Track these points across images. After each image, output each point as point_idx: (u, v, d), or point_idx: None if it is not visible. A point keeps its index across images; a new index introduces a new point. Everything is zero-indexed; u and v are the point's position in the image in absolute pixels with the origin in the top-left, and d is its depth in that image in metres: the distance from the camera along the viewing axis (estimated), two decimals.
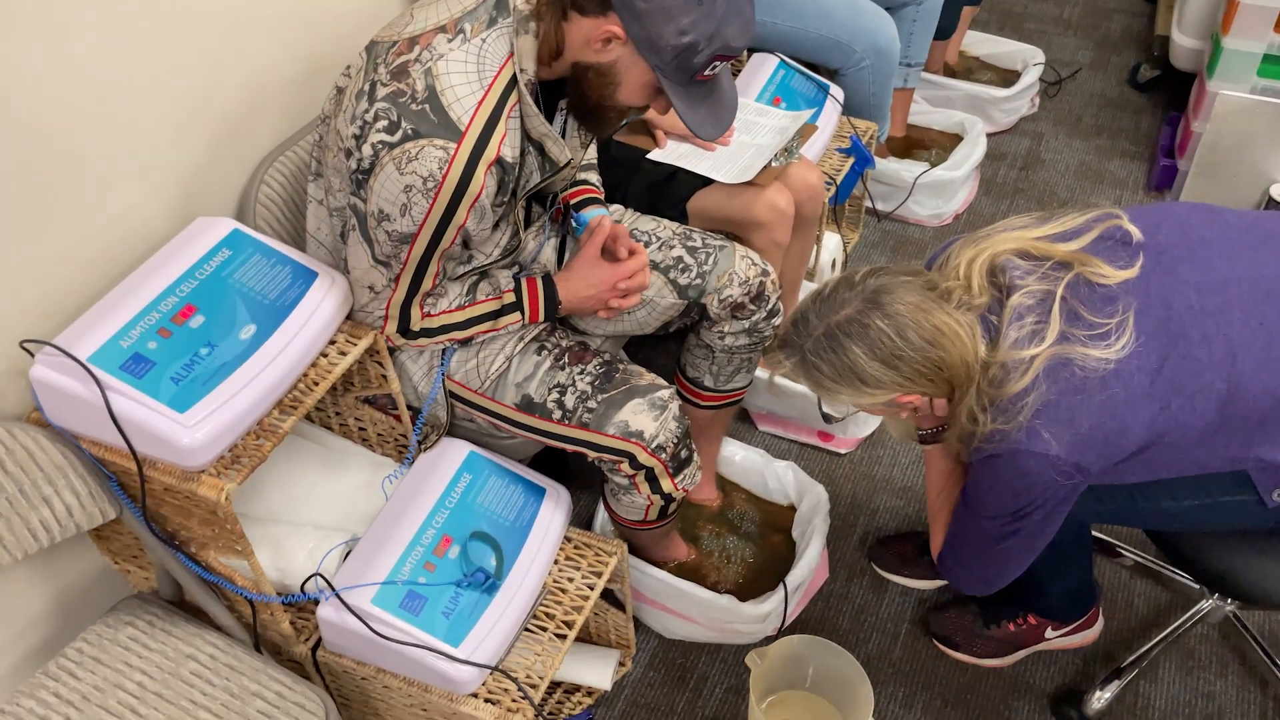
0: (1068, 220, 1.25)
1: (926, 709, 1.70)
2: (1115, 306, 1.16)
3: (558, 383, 1.47)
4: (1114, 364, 1.14)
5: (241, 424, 1.24)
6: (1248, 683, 1.72)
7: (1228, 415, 1.18)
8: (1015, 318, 1.17)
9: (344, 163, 1.31)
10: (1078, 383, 1.15)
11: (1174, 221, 1.24)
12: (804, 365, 1.24)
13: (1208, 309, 1.17)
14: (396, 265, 1.34)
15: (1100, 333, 1.15)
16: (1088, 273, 1.18)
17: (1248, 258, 1.21)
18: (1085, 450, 1.16)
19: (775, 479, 1.90)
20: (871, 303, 1.19)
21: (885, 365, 1.18)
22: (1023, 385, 1.16)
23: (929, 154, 2.72)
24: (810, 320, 1.23)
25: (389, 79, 1.25)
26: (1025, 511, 1.23)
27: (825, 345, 1.21)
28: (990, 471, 1.22)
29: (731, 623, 1.70)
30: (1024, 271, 1.20)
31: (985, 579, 1.37)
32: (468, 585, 1.39)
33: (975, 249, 1.23)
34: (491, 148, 1.26)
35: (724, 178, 1.81)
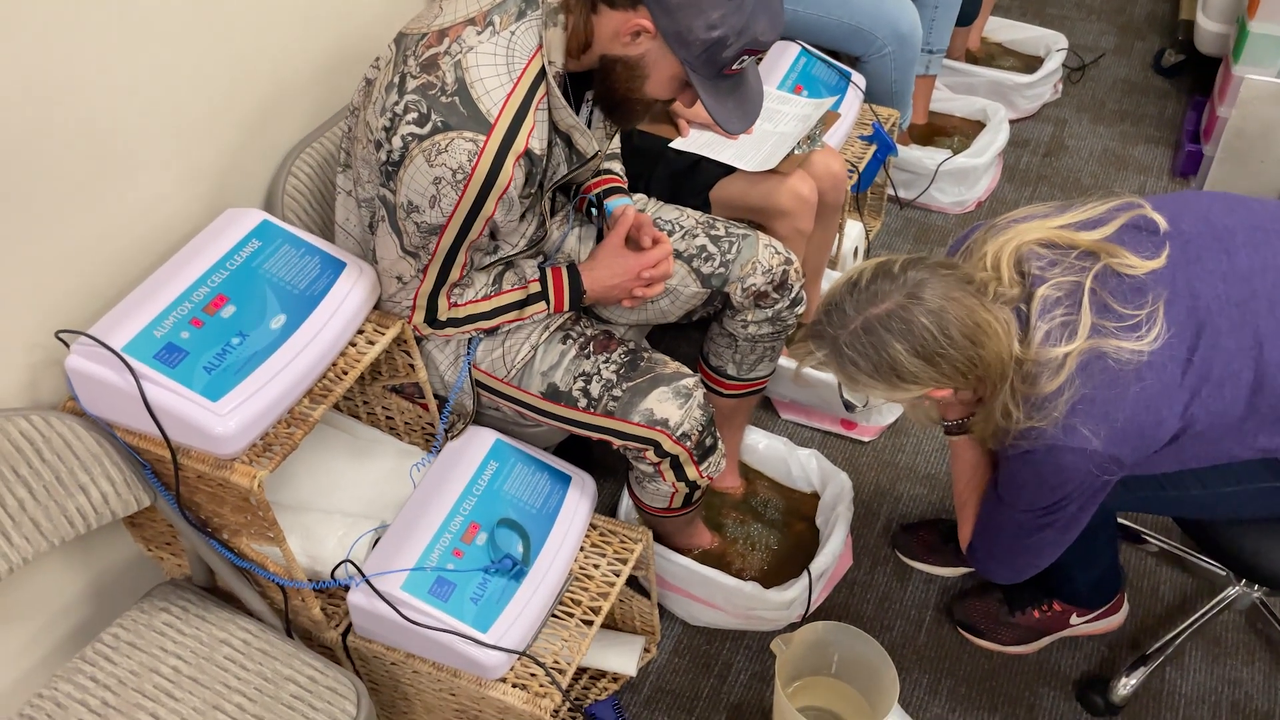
0: (1089, 209, 1.24)
1: (951, 695, 1.71)
2: (1145, 298, 1.16)
3: (583, 371, 1.48)
4: (1147, 356, 1.14)
5: (273, 412, 1.26)
6: (1276, 670, 1.72)
7: (1256, 404, 1.18)
8: (1044, 310, 1.16)
9: (373, 154, 1.33)
10: (1112, 376, 1.15)
11: (1196, 210, 1.23)
12: (837, 357, 1.21)
13: (1234, 298, 1.17)
14: (425, 256, 1.35)
15: (1131, 324, 1.15)
16: (1114, 263, 1.17)
17: (1272, 246, 1.20)
18: (1121, 443, 1.16)
19: (799, 466, 1.90)
20: (914, 296, 1.15)
21: (926, 362, 1.15)
22: (1058, 384, 1.15)
23: (951, 141, 2.71)
24: (846, 311, 1.19)
25: (419, 71, 1.26)
26: (1060, 505, 1.23)
27: (863, 339, 1.17)
28: (1026, 467, 1.22)
29: (756, 609, 1.71)
30: (1049, 262, 1.19)
31: (1015, 568, 1.37)
32: (495, 571, 1.40)
33: (1001, 239, 1.22)
34: (520, 140, 1.27)
35: (747, 166, 1.82)
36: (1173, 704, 1.68)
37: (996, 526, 1.34)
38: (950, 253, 1.34)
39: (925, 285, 1.16)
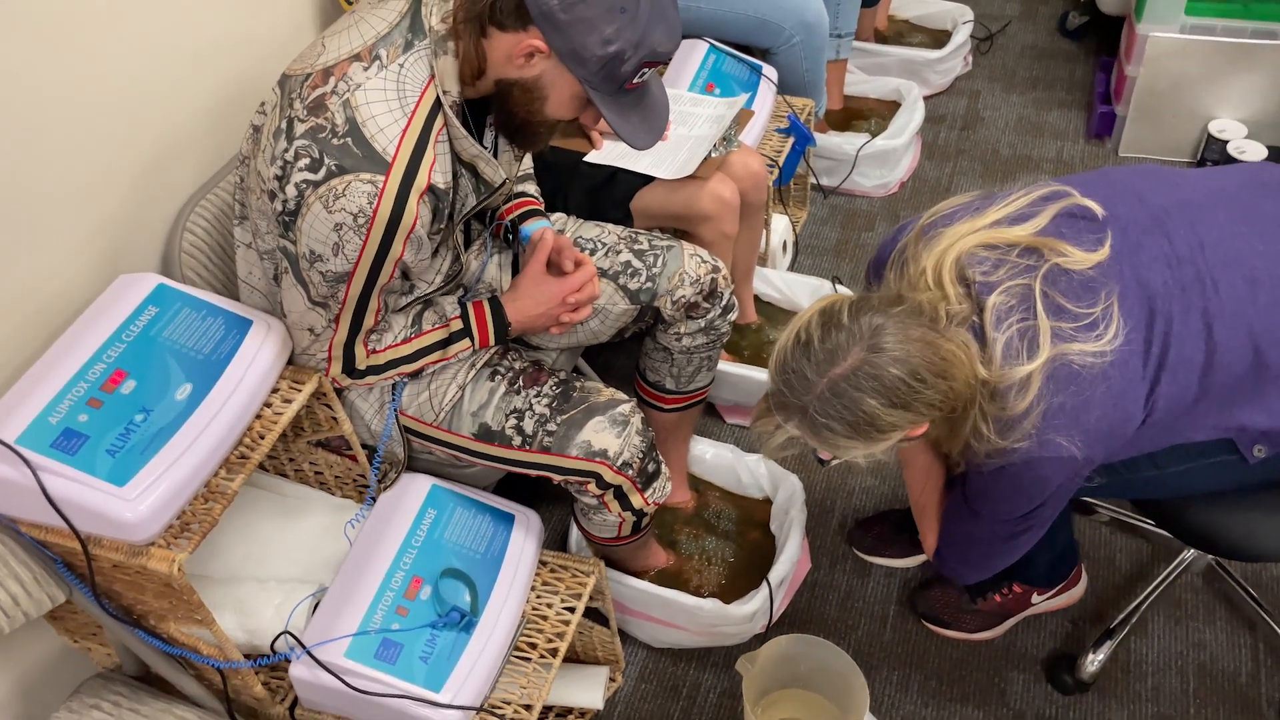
0: (1014, 201, 1.20)
1: (922, 690, 1.69)
2: (1097, 295, 1.12)
3: (514, 408, 1.43)
4: (1110, 356, 1.11)
5: (186, 490, 1.19)
6: (1237, 627, 1.72)
7: (1206, 385, 1.16)
8: (998, 320, 1.12)
9: (268, 205, 1.26)
10: (1078, 381, 1.12)
11: (1125, 191, 1.21)
12: (811, 425, 1.13)
13: (1181, 282, 1.15)
14: (335, 305, 1.28)
15: (1087, 323, 1.11)
16: (1061, 261, 1.13)
17: (1205, 221, 1.19)
18: (1095, 444, 1.14)
19: (748, 473, 1.87)
20: (875, 348, 1.09)
21: (904, 409, 1.09)
22: (1028, 402, 1.11)
23: (869, 124, 2.70)
24: (807, 376, 1.11)
25: (306, 114, 1.20)
26: (1037, 510, 1.21)
27: (835, 402, 1.10)
28: (1002, 480, 1.19)
29: (718, 626, 1.68)
30: (992, 264, 1.15)
31: (988, 569, 1.35)
32: (443, 626, 1.35)
33: (936, 250, 1.16)
34: (422, 176, 1.21)
35: (665, 174, 1.77)
36: (1140, 673, 1.68)
37: (968, 536, 1.32)
38: (879, 262, 1.30)
39: (883, 331, 1.09)
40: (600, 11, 1.15)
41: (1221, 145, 2.48)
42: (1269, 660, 1.68)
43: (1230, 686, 1.65)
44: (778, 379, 1.16)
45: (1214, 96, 2.51)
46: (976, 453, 1.17)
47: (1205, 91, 2.50)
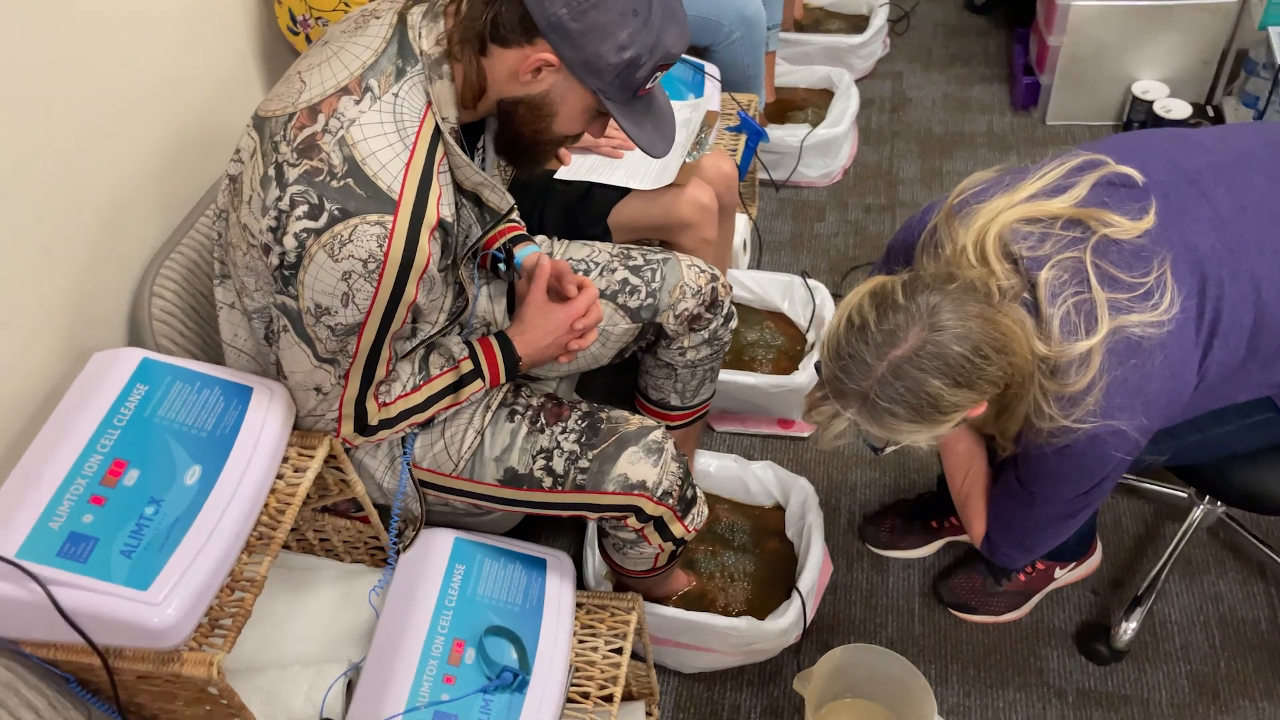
0: (1048, 173, 1.18)
1: (961, 679, 1.67)
2: (1149, 263, 1.11)
3: (541, 448, 1.35)
4: (1168, 325, 1.09)
5: (214, 584, 1.07)
6: (1248, 575, 1.76)
7: (1255, 346, 1.16)
8: (1052, 295, 1.09)
9: (259, 260, 1.15)
10: (1138, 353, 1.10)
11: (1156, 157, 1.20)
12: (872, 411, 1.09)
13: (1228, 245, 1.14)
14: (345, 360, 1.18)
15: (1142, 292, 1.10)
16: (1107, 231, 1.11)
17: (1241, 183, 1.18)
18: (1154, 413, 1.13)
19: (756, 481, 1.82)
20: (935, 326, 1.05)
21: (968, 388, 1.06)
22: (1089, 377, 1.09)
23: (805, 114, 2.69)
24: (866, 360, 1.07)
25: (297, 157, 1.09)
26: (1099, 486, 1.19)
27: (896, 385, 1.06)
28: (1066, 460, 1.16)
29: (753, 644, 1.62)
30: (1037, 239, 1.12)
31: (1042, 550, 1.32)
32: (495, 688, 1.26)
33: (975, 226, 1.13)
34: (431, 211, 1.12)
35: (643, 185, 1.71)
36: (1168, 634, 1.70)
37: (1024, 520, 1.29)
38: (905, 245, 1.27)
39: (941, 309, 1.06)
40: (614, 16, 1.08)
41: (1147, 106, 2.55)
42: None
43: (1254, 635, 1.68)
44: (833, 365, 1.11)
45: (1135, 59, 2.57)
46: (1039, 433, 1.14)
47: (1127, 55, 2.57)
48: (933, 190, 2.60)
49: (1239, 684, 1.62)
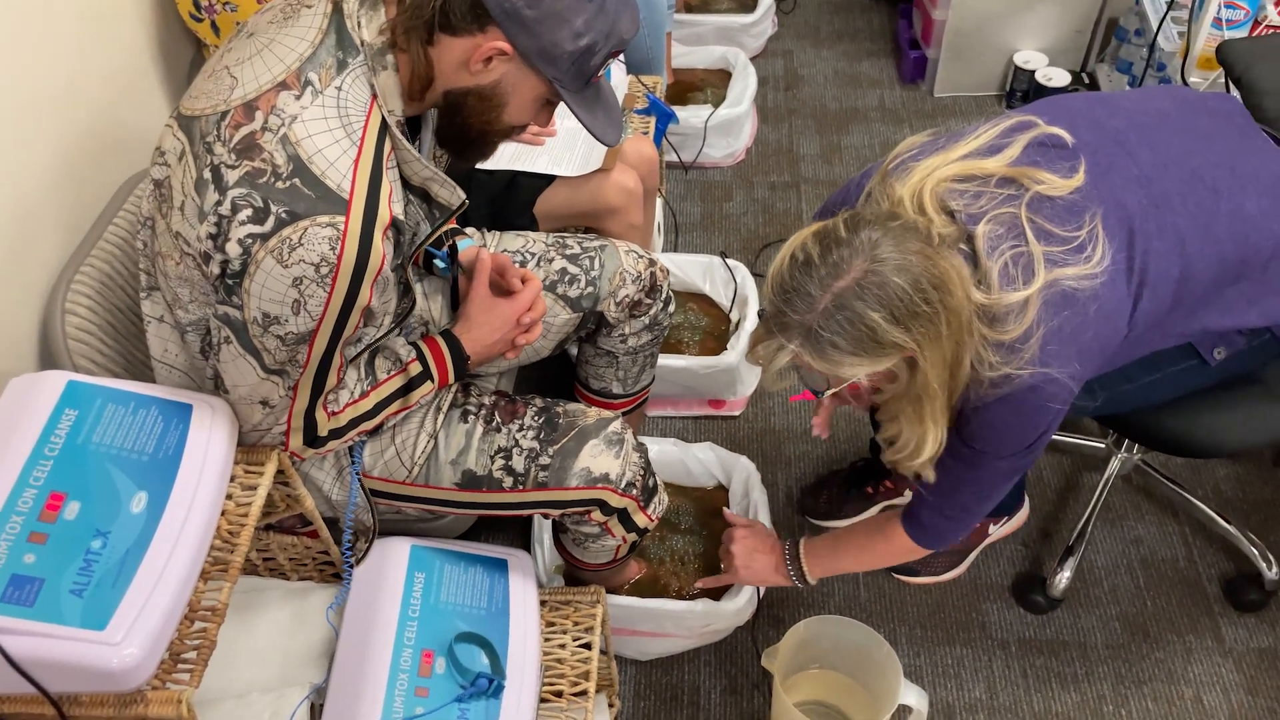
0: (982, 134, 1.22)
1: (910, 640, 1.72)
2: (1081, 217, 1.15)
3: (498, 447, 1.31)
4: (1101, 277, 1.14)
5: (174, 616, 1.00)
6: (1164, 518, 1.86)
7: (1180, 296, 1.22)
8: (990, 248, 1.13)
9: (196, 270, 1.08)
10: (1074, 303, 1.14)
11: (1083, 118, 1.25)
12: (815, 343, 1.09)
13: (1154, 200, 1.19)
14: (295, 371, 1.12)
15: (1075, 245, 1.14)
16: (1040, 189, 1.16)
17: (1161, 142, 1.24)
18: (1088, 361, 1.17)
19: (697, 464, 1.82)
20: (876, 259, 1.07)
21: (904, 325, 1.08)
22: (1026, 325, 1.12)
23: (704, 94, 2.69)
24: (810, 293, 1.08)
25: (236, 159, 1.03)
26: (1041, 436, 1.22)
27: (837, 316, 1.07)
28: (1007, 409, 1.19)
29: (710, 624, 1.63)
30: (972, 195, 1.15)
31: (976, 519, 1.35)
32: (471, 696, 1.22)
33: (911, 181, 1.16)
34: (383, 209, 1.07)
35: (570, 171, 1.68)
36: (1095, 578, 1.78)
37: (963, 484, 1.31)
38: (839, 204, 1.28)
39: (882, 244, 1.08)
40: (570, 3, 1.05)
41: (1029, 75, 2.65)
42: (1197, 541, 1.82)
43: (1174, 573, 1.78)
44: (778, 300, 1.13)
45: (1016, 30, 2.67)
46: (980, 384, 1.17)
47: (1008, 26, 2.66)
48: (834, 166, 2.64)
49: (1166, 620, 1.72)
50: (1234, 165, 1.24)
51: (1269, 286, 1.26)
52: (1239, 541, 1.73)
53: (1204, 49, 2.14)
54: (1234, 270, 1.24)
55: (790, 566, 1.53)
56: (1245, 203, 1.22)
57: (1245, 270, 1.23)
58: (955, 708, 1.63)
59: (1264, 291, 1.26)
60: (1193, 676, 1.65)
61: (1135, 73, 2.53)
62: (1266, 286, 1.26)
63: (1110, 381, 1.36)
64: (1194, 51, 2.17)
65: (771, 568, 1.55)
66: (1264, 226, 1.22)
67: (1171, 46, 2.31)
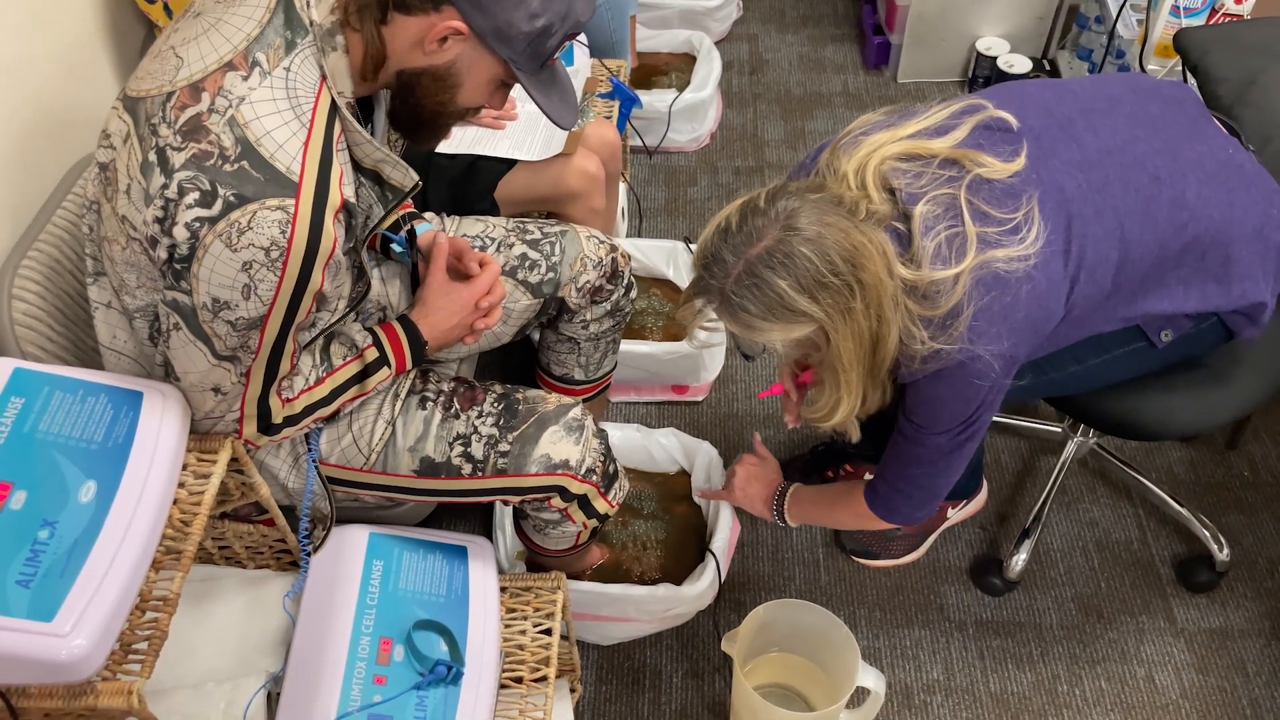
0: (932, 114, 1.23)
1: (869, 623, 1.73)
2: (1019, 200, 1.17)
3: (457, 434, 1.30)
4: (1033, 259, 1.15)
5: (124, 606, 0.99)
6: (1118, 500, 1.89)
7: (1119, 281, 1.24)
8: (926, 228, 1.14)
9: (144, 254, 1.06)
10: (1004, 282, 1.16)
11: (1034, 103, 1.26)
12: (728, 307, 1.14)
13: (1093, 184, 1.21)
14: (247, 357, 1.11)
15: (1010, 227, 1.16)
16: (981, 171, 1.17)
17: (1107, 128, 1.25)
18: (1020, 341, 1.19)
19: (659, 449, 1.82)
20: (790, 228, 1.10)
21: (811, 295, 1.10)
22: (955, 300, 1.14)
23: (668, 78, 2.68)
24: (725, 259, 1.12)
25: (182, 140, 1.01)
26: (977, 414, 1.24)
27: (746, 281, 1.11)
28: (940, 384, 1.21)
29: (673, 609, 1.63)
30: (914, 175, 1.17)
31: (932, 498, 1.37)
32: (429, 684, 1.22)
33: (857, 155, 1.18)
34: (334, 192, 1.06)
35: (531, 155, 1.67)
36: (1051, 561, 1.80)
37: (913, 461, 1.33)
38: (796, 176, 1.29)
39: (799, 214, 1.11)
40: None
41: (991, 61, 2.66)
42: (1150, 523, 1.85)
43: (1127, 554, 1.81)
44: (698, 265, 1.18)
45: (978, 17, 2.68)
46: (912, 359, 1.19)
47: (970, 13, 2.67)
48: (798, 151, 2.64)
49: (1119, 601, 1.75)
50: (1177, 152, 1.26)
51: (1208, 273, 1.28)
52: (1191, 524, 1.76)
53: (1162, 36, 2.16)
54: (1174, 256, 1.26)
55: (776, 504, 1.57)
56: (1186, 190, 1.24)
57: (1184, 256, 1.25)
58: (913, 689, 1.65)
59: (1203, 277, 1.28)
60: (1145, 656, 1.68)
61: (1095, 60, 2.55)
62: (1205, 273, 1.28)
63: (1059, 362, 1.38)
64: (1152, 39, 2.19)
65: (762, 500, 1.60)
66: (1203, 214, 1.24)
67: (1130, 34, 2.33)
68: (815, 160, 1.27)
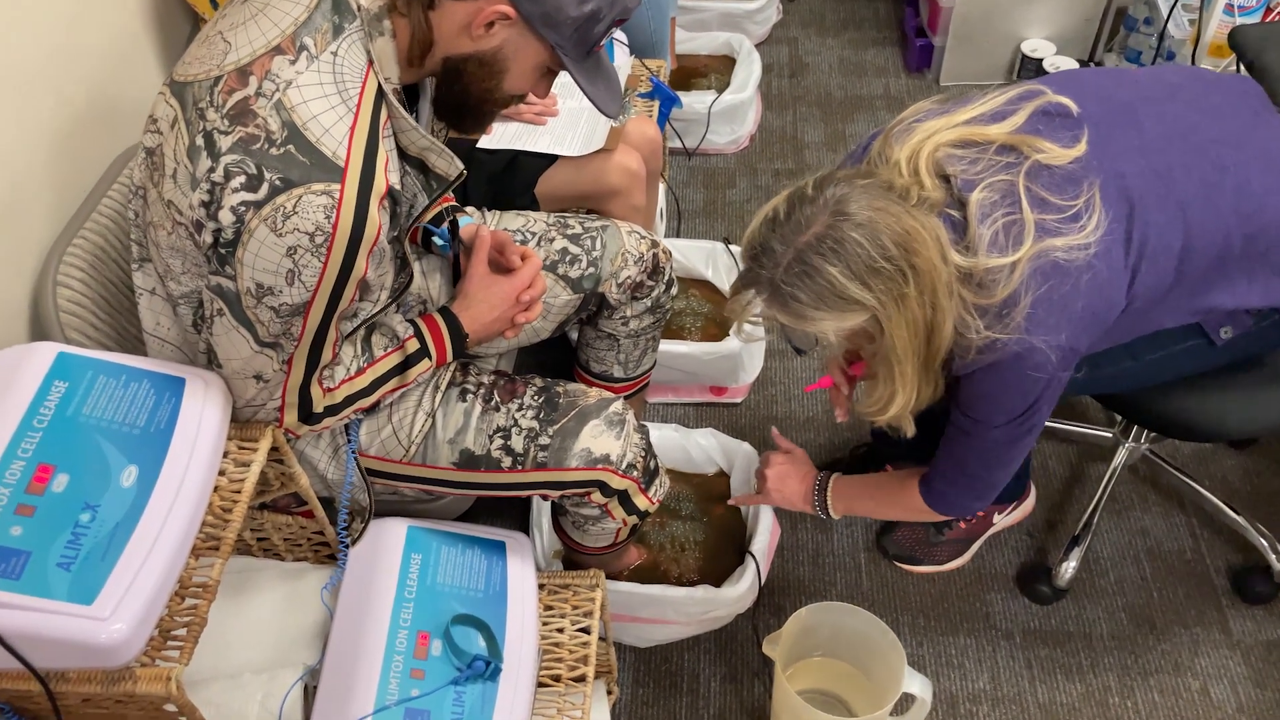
0: (989, 100, 1.20)
1: (913, 629, 1.69)
2: (1079, 186, 1.14)
3: (497, 427, 1.29)
4: (1093, 247, 1.12)
5: (164, 592, 0.98)
6: (1170, 508, 1.84)
7: (1183, 271, 1.20)
8: (983, 216, 1.12)
9: (188, 240, 1.05)
10: (1063, 271, 1.13)
11: (1092, 90, 1.23)
12: (778, 298, 1.12)
13: (1155, 171, 1.17)
14: (289, 344, 1.10)
15: (1071, 214, 1.13)
16: (1040, 157, 1.14)
17: (1169, 114, 1.22)
18: (1080, 333, 1.15)
19: (698, 450, 1.80)
20: (840, 213, 1.08)
21: (862, 282, 1.07)
22: (1012, 289, 1.11)
23: (708, 80, 2.67)
24: (774, 249, 1.10)
25: (229, 124, 1.00)
26: (1034, 408, 1.20)
27: (798, 270, 1.09)
28: (995, 377, 1.18)
29: (711, 611, 1.61)
30: (969, 161, 1.14)
31: (989, 490, 1.33)
32: (467, 679, 1.20)
33: (911, 142, 1.15)
34: (379, 178, 1.05)
35: (572, 151, 1.66)
36: (1100, 569, 1.76)
37: (971, 455, 1.30)
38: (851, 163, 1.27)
39: (849, 200, 1.09)
40: None
41: (1036, 63, 2.62)
42: (1204, 532, 1.80)
43: (1180, 565, 1.76)
44: (748, 256, 1.16)
45: (1023, 18, 2.64)
46: (967, 351, 1.16)
47: (1015, 14, 2.64)
48: (838, 154, 2.62)
49: (1172, 612, 1.69)
50: (1241, 141, 1.22)
51: (1272, 266, 1.24)
52: (1247, 533, 1.71)
53: (1215, 36, 2.12)
54: (1238, 247, 1.21)
55: (817, 497, 1.52)
56: (1251, 179, 1.20)
57: (1249, 247, 1.21)
58: (958, 698, 1.61)
59: (1268, 271, 1.24)
60: (1200, 669, 1.63)
61: (1144, 61, 2.50)
62: (1270, 266, 1.24)
63: (1114, 357, 1.34)
64: (1205, 38, 2.14)
65: (800, 495, 1.54)
66: (1269, 204, 1.20)
67: (1182, 34, 2.28)
68: (866, 150, 1.25)
